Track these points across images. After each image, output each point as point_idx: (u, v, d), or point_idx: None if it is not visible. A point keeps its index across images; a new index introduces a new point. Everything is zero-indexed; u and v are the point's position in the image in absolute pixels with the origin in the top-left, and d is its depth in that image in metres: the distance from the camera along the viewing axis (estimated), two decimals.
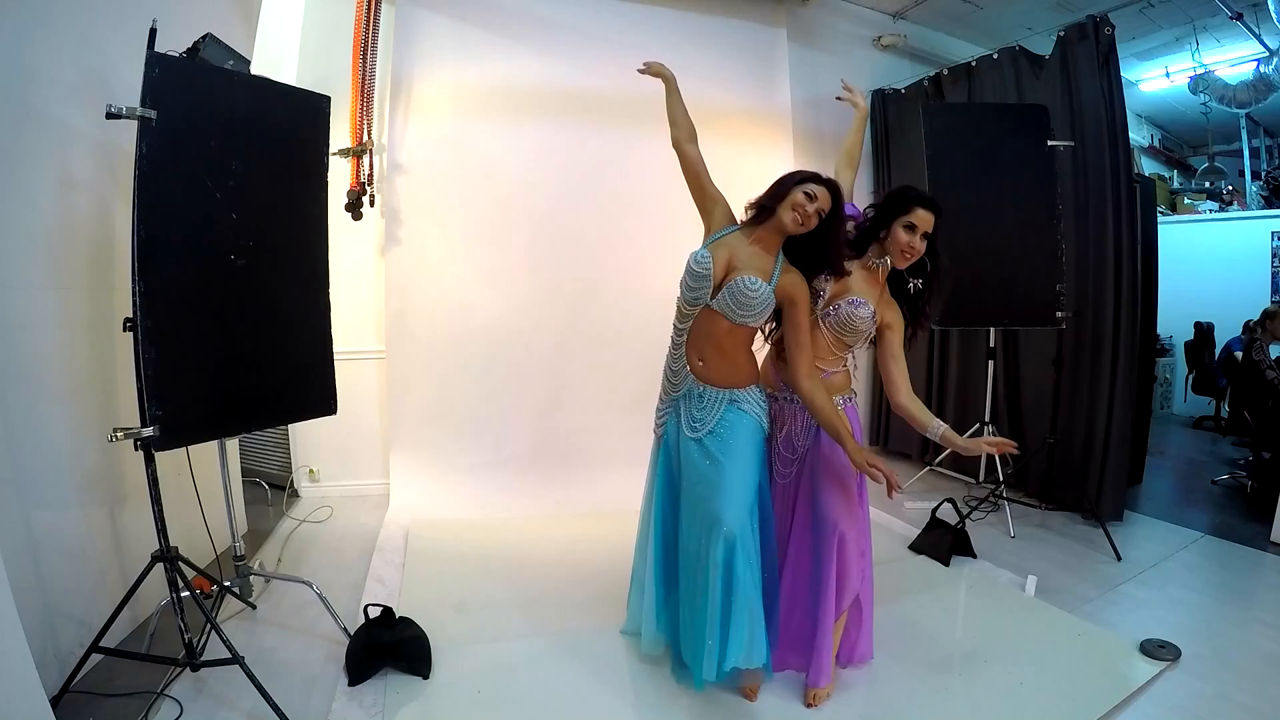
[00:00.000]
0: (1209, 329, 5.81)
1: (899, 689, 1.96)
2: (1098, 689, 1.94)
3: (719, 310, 1.75)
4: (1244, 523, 3.41)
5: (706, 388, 1.82)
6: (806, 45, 4.32)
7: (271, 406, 2.17)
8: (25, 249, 1.83)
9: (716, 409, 1.79)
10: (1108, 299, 3.31)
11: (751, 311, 1.72)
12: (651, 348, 1.92)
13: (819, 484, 1.89)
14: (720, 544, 1.66)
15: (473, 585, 2.55)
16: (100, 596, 1.97)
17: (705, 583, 1.70)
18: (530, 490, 3.50)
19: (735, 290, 1.71)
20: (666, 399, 1.93)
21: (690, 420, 1.82)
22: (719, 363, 1.81)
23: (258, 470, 3.64)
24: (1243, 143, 7.21)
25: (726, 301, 1.73)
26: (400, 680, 1.92)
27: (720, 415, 1.79)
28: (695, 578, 1.76)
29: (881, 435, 4.67)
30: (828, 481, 1.88)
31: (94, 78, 2.00)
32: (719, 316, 1.76)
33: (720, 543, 1.66)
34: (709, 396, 1.81)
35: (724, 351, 1.80)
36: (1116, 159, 3.28)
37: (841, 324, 1.85)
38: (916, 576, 2.72)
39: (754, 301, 1.71)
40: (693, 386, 1.84)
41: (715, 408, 1.80)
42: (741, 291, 1.70)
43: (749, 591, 1.66)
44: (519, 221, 3.63)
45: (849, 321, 1.84)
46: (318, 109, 2.21)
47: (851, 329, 1.85)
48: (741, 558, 1.66)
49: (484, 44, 3.56)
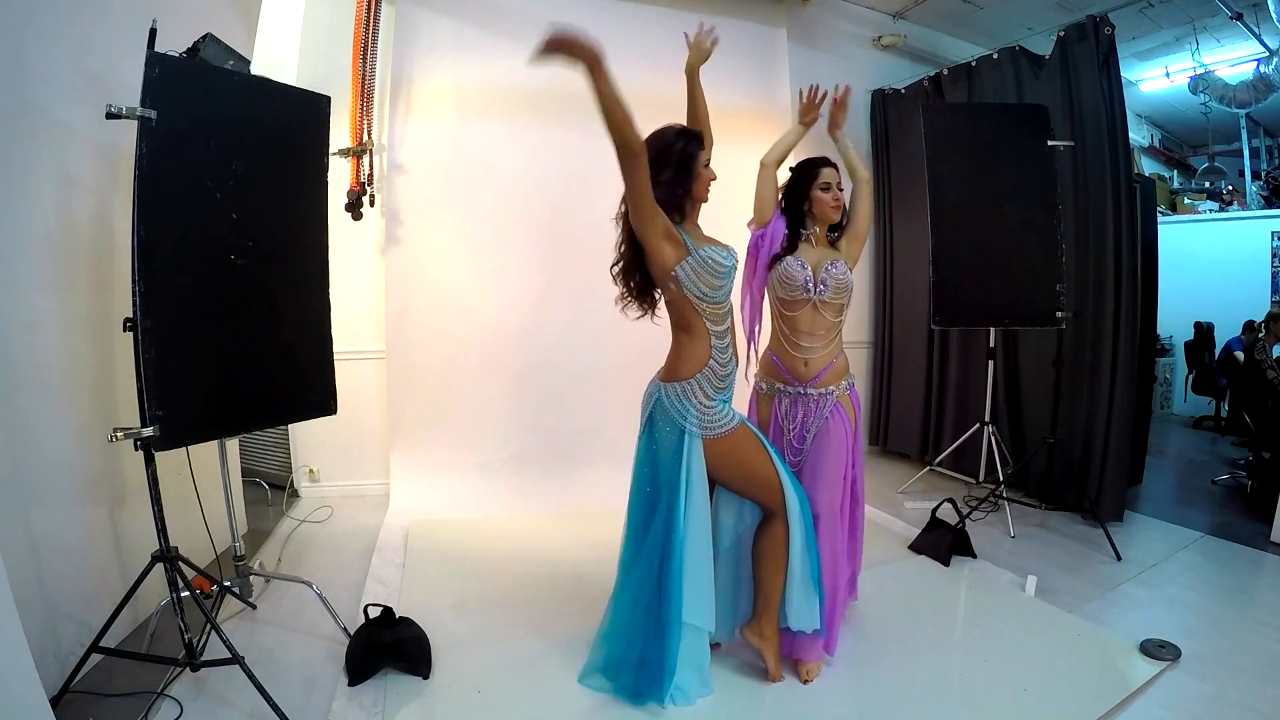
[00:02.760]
0: (1209, 329, 5.82)
1: (899, 689, 1.96)
2: (1098, 689, 1.94)
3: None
4: (1244, 523, 3.41)
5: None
6: (806, 45, 4.33)
7: (271, 406, 2.17)
8: (25, 249, 1.83)
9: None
10: (1108, 299, 3.31)
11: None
12: (652, 348, 1.91)
13: (809, 479, 2.00)
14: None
15: (473, 585, 2.55)
16: (100, 596, 1.97)
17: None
18: (530, 490, 3.50)
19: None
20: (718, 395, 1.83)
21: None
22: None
23: (258, 470, 3.64)
24: (1243, 143, 7.22)
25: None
26: (400, 680, 1.92)
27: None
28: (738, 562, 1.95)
29: (881, 436, 4.68)
30: (817, 478, 2.00)
31: (94, 78, 2.00)
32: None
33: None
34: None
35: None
36: (1116, 159, 3.28)
37: (837, 288, 2.03)
38: (916, 576, 2.72)
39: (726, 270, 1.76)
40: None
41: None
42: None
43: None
44: (519, 221, 3.63)
45: (841, 283, 2.03)
46: (318, 109, 2.22)
47: (843, 286, 2.05)
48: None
49: (484, 44, 3.56)
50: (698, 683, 1.83)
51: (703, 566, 1.79)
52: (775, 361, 2.13)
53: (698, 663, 1.83)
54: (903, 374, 4.54)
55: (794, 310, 2.05)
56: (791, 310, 2.06)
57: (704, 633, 1.82)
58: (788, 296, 2.05)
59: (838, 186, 2.07)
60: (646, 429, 1.86)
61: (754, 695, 1.90)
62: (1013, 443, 3.82)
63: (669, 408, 1.78)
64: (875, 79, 4.60)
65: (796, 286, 2.02)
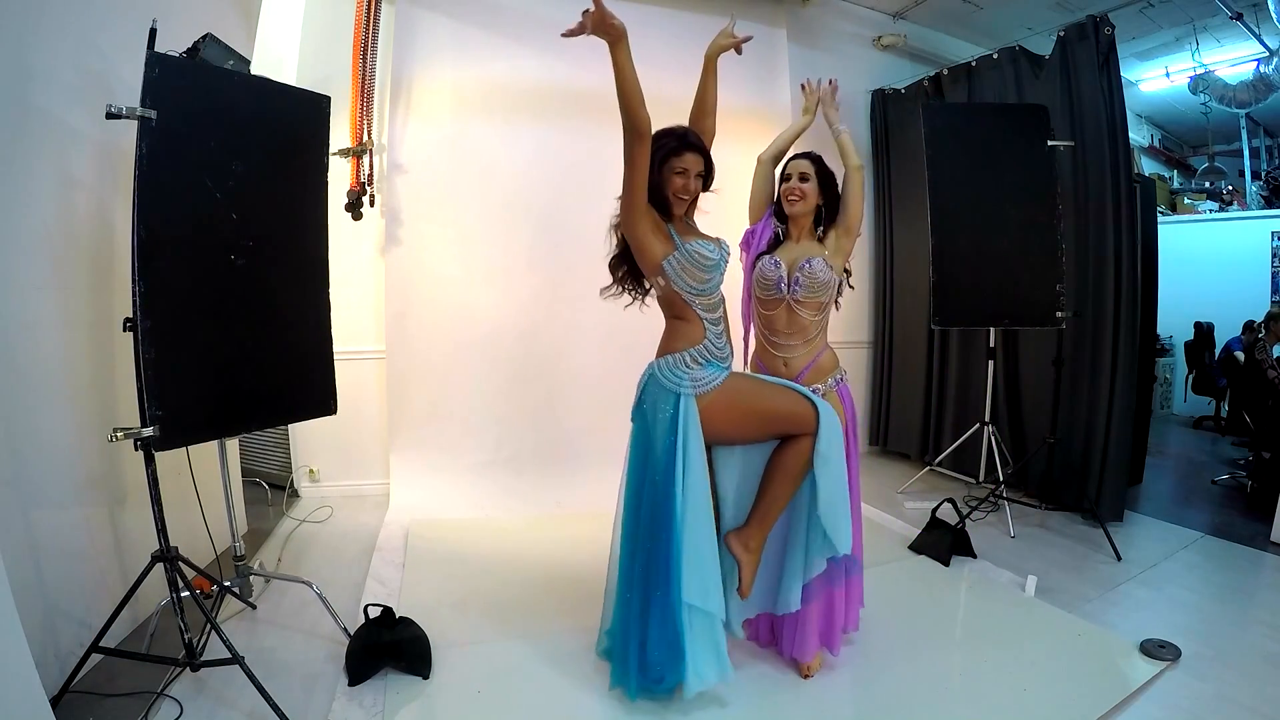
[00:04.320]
0: (1209, 329, 5.82)
1: (899, 689, 1.96)
2: (1098, 689, 1.94)
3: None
4: (1244, 523, 3.41)
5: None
6: (806, 45, 4.33)
7: (271, 406, 2.17)
8: (25, 249, 1.83)
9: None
10: (1108, 299, 3.31)
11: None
12: (652, 347, 1.91)
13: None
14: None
15: (473, 585, 2.55)
16: (100, 596, 1.97)
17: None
18: (530, 490, 3.50)
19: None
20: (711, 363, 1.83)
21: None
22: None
23: (258, 470, 3.64)
24: (1243, 143, 7.22)
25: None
26: (400, 680, 1.92)
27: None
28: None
29: (881, 436, 4.68)
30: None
31: (94, 78, 2.00)
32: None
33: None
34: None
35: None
36: (1116, 159, 3.28)
37: (811, 287, 1.97)
38: (916, 576, 2.72)
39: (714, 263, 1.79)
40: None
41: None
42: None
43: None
44: (519, 221, 3.63)
45: (816, 281, 1.97)
46: (318, 109, 2.22)
47: (818, 285, 1.98)
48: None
49: (484, 44, 3.56)
50: (715, 666, 1.74)
51: (703, 544, 1.74)
52: (758, 362, 2.13)
53: (712, 642, 1.74)
54: (903, 374, 4.54)
55: (770, 310, 2.04)
56: (768, 310, 2.05)
57: (710, 612, 1.74)
58: (764, 296, 2.04)
59: (800, 177, 2.01)
60: (638, 409, 1.83)
61: (754, 695, 1.89)
62: (1013, 443, 3.82)
63: (662, 379, 1.77)
64: (875, 79, 4.60)
65: (771, 285, 2.01)
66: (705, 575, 1.73)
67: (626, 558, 1.83)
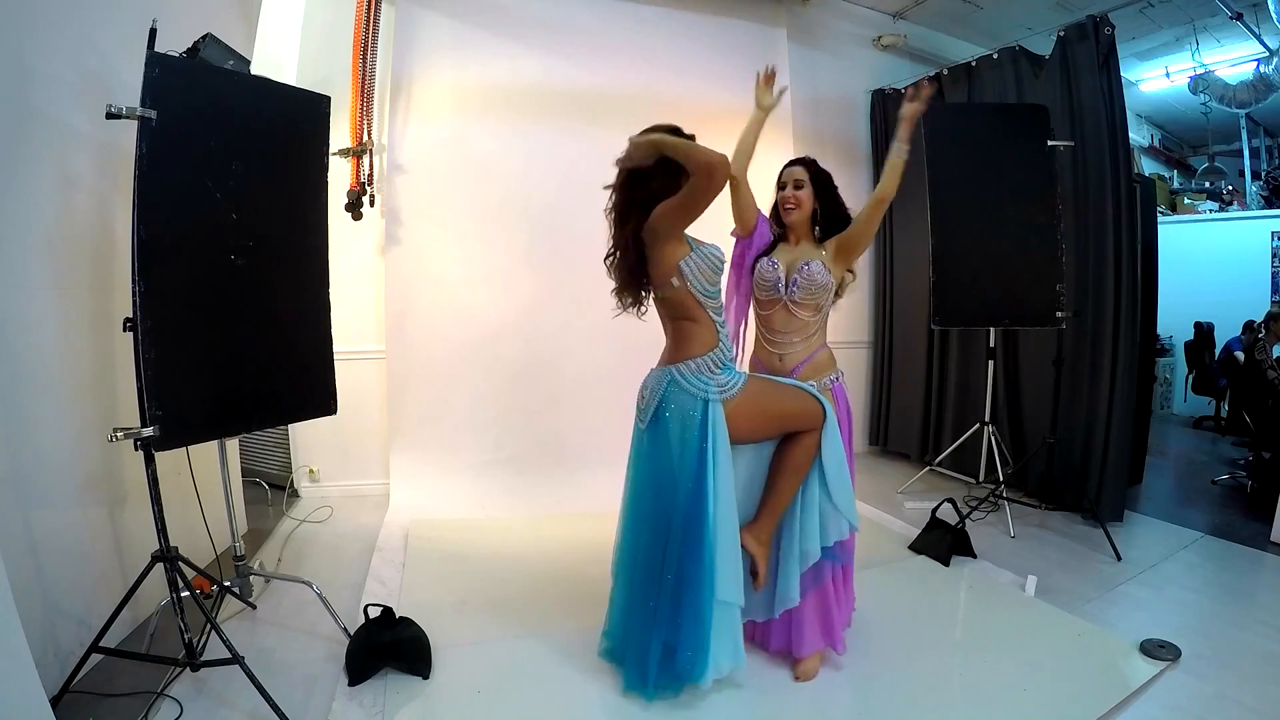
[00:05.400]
0: (1209, 329, 5.82)
1: (899, 689, 1.96)
2: (1098, 689, 1.94)
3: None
4: (1244, 523, 3.41)
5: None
6: (806, 45, 4.33)
7: (271, 406, 2.17)
8: (25, 249, 1.83)
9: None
10: (1108, 299, 3.31)
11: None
12: (652, 347, 1.91)
13: None
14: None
15: (473, 585, 2.55)
16: (100, 596, 1.97)
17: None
18: (530, 490, 3.50)
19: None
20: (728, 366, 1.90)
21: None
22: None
23: (258, 470, 3.64)
24: (1243, 143, 7.22)
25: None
26: (400, 680, 1.92)
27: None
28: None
29: (881, 436, 4.68)
30: None
31: (94, 78, 2.00)
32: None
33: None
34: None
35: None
36: (1116, 159, 3.28)
37: (808, 289, 1.99)
38: (916, 576, 2.72)
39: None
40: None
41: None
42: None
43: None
44: (519, 221, 3.63)
45: (813, 283, 1.99)
46: (318, 109, 2.21)
47: (815, 287, 2.00)
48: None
49: (484, 44, 3.56)
50: (732, 654, 1.80)
51: (732, 542, 1.79)
52: (755, 359, 2.17)
53: (732, 633, 1.80)
54: (903, 374, 4.53)
55: (768, 310, 2.08)
56: (766, 309, 2.09)
57: (735, 605, 1.81)
58: (762, 296, 2.08)
59: (794, 185, 2.05)
60: (658, 416, 1.81)
61: (754, 695, 1.89)
62: (1013, 443, 3.82)
63: (686, 385, 1.78)
64: (875, 79, 4.60)
65: (769, 286, 2.04)
66: (736, 573, 1.79)
67: (655, 567, 1.80)
